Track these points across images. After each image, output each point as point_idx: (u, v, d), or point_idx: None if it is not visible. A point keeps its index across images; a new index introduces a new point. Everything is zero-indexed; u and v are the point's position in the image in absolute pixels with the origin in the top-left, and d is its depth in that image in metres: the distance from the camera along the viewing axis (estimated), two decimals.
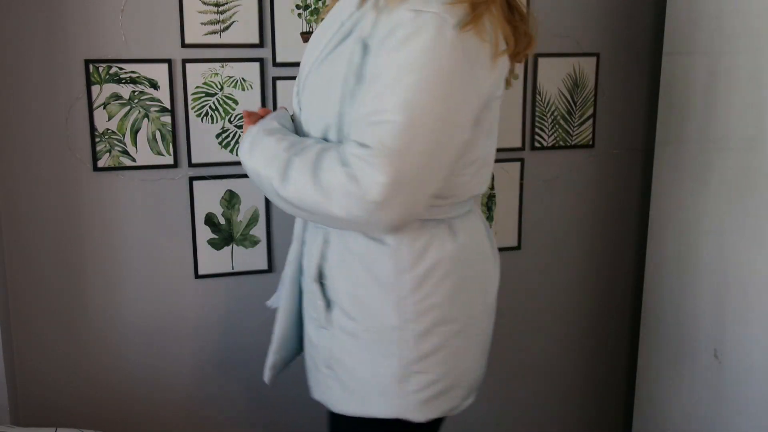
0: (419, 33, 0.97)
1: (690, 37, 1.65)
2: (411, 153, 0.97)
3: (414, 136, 0.97)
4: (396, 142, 0.96)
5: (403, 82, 0.97)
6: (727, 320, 1.58)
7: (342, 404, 1.19)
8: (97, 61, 1.55)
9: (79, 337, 1.67)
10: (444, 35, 0.97)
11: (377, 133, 0.97)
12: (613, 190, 1.97)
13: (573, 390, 2.08)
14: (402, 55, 0.97)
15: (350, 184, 0.97)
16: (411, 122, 0.96)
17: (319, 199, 1.01)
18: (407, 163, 0.97)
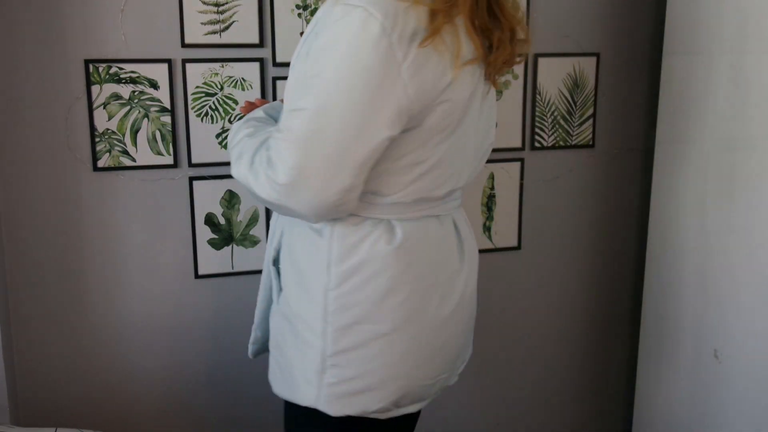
0: (344, 27, 0.99)
1: (690, 37, 1.65)
2: (318, 141, 1.00)
3: (322, 125, 1.00)
4: (304, 128, 1.00)
5: (321, 74, 1.00)
6: (727, 320, 1.58)
7: (278, 386, 1.25)
8: (97, 61, 1.55)
9: (79, 336, 1.67)
10: (368, 31, 0.97)
11: (291, 119, 1.02)
12: (613, 190, 1.97)
13: (573, 390, 2.08)
14: (324, 48, 1.00)
15: (268, 167, 1.04)
16: (320, 111, 1.00)
17: (250, 180, 1.08)
18: (313, 150, 1.00)
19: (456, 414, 1.99)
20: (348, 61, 0.98)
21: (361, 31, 0.97)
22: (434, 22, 1.00)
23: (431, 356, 1.18)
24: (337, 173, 1.02)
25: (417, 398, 1.20)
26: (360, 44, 0.97)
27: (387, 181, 1.09)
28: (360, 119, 1.00)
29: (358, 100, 0.99)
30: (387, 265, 1.11)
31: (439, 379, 1.22)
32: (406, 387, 1.16)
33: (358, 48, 0.98)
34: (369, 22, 0.97)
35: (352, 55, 0.98)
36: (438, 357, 1.19)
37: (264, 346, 1.39)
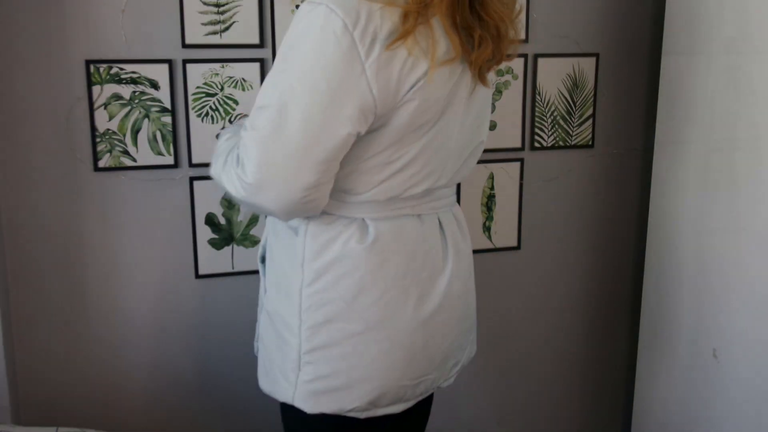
0: (307, 24, 0.99)
1: (690, 37, 1.65)
2: (280, 138, 1.00)
3: (283, 122, 1.00)
4: (267, 126, 1.01)
5: (285, 70, 1.01)
6: (726, 320, 1.58)
7: (262, 382, 1.27)
8: (97, 62, 1.55)
9: (80, 336, 1.67)
10: (331, 27, 0.97)
11: (257, 117, 1.03)
12: (613, 190, 1.97)
13: (573, 390, 2.08)
14: (289, 45, 1.02)
15: (237, 166, 1.06)
16: (282, 108, 1.00)
17: (223, 179, 1.10)
18: (276, 147, 1.01)
19: (456, 414, 2.00)
20: (311, 57, 0.99)
21: (323, 27, 0.98)
22: (406, 24, 1.00)
23: (410, 357, 1.16)
24: (299, 170, 1.02)
25: (397, 399, 1.18)
26: (322, 40, 0.98)
27: (358, 179, 1.09)
28: (322, 116, 1.00)
29: (319, 96, 0.99)
30: (358, 263, 1.11)
31: (424, 380, 1.20)
32: (382, 387, 1.15)
33: (320, 44, 0.98)
34: (331, 18, 0.97)
35: (314, 50, 0.99)
36: (419, 358, 1.17)
37: None
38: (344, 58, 0.98)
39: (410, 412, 1.28)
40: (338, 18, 0.97)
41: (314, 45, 0.99)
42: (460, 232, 1.24)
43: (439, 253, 1.18)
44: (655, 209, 1.81)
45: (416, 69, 1.02)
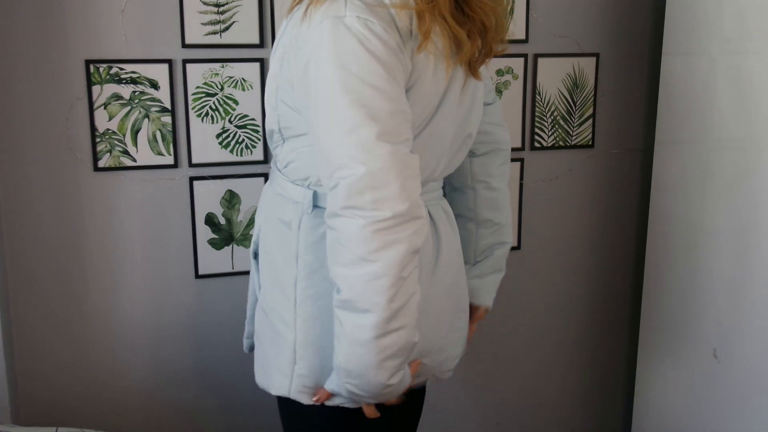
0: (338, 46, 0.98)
1: (690, 37, 1.65)
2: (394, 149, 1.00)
3: (387, 137, 1.00)
4: (378, 151, 0.99)
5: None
6: (727, 320, 1.58)
7: (259, 377, 1.26)
8: (97, 62, 1.55)
9: (80, 336, 1.67)
10: (371, 33, 0.98)
11: (354, 151, 1.00)
12: (613, 190, 1.97)
13: (573, 390, 2.08)
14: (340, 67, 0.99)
15: (364, 224, 0.99)
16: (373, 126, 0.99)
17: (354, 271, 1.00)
18: (397, 161, 1.00)
19: (456, 414, 2.00)
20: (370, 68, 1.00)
21: (362, 34, 0.98)
22: (423, 24, 1.01)
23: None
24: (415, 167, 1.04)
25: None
26: (368, 46, 0.99)
27: None
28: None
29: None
30: None
31: (418, 372, 1.21)
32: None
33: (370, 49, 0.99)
34: (368, 25, 0.99)
35: (367, 60, 0.99)
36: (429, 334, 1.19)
37: None
38: (394, 55, 0.99)
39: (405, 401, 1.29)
40: (376, 25, 0.98)
41: (365, 54, 0.98)
42: (449, 224, 1.25)
43: (429, 246, 1.19)
44: (655, 209, 1.81)
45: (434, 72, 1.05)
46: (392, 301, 0.98)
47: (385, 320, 0.99)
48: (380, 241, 0.96)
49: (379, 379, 1.03)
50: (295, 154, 1.15)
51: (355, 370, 1.04)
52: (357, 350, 1.02)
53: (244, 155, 1.67)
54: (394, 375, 1.04)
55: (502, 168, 1.38)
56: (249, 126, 1.66)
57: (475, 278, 1.39)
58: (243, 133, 1.66)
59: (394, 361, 1.02)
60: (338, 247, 1.00)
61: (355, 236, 0.97)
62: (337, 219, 0.99)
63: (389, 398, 1.10)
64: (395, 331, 1.00)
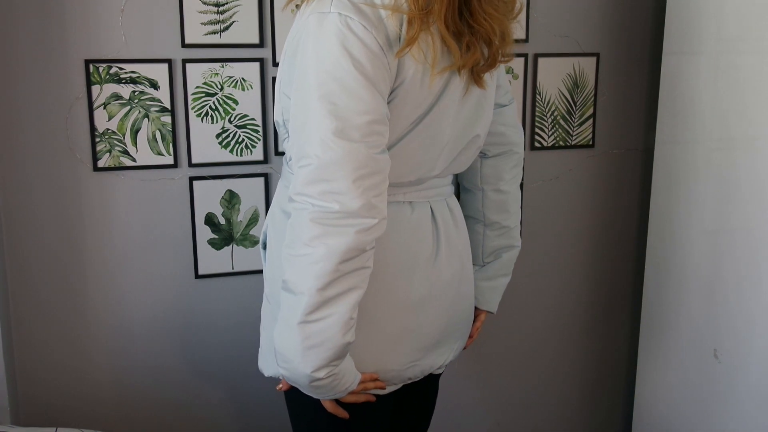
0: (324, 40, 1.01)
1: (690, 37, 1.65)
2: (348, 144, 1.03)
3: (342, 129, 1.03)
4: (330, 143, 1.02)
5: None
6: (727, 320, 1.58)
7: (264, 365, 1.28)
8: (97, 61, 1.55)
9: (79, 336, 1.67)
10: (353, 32, 1.00)
11: (307, 145, 1.04)
12: (613, 190, 1.97)
13: (573, 389, 2.08)
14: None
15: (311, 214, 1.03)
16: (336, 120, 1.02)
17: (298, 258, 1.03)
18: (348, 152, 1.04)
19: (456, 414, 1.99)
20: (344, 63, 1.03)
21: (343, 33, 1.01)
22: (411, 30, 1.02)
23: (398, 341, 1.18)
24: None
25: (389, 381, 1.20)
26: (349, 45, 1.01)
27: None
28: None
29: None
30: None
31: (413, 366, 1.22)
32: (363, 370, 1.16)
33: (348, 48, 1.02)
34: (350, 24, 1.01)
35: (343, 56, 1.02)
36: (408, 342, 1.19)
37: None
38: (372, 55, 1.01)
39: (407, 395, 1.31)
40: (356, 23, 0.99)
41: (342, 51, 1.00)
42: (453, 221, 1.25)
43: (429, 241, 1.20)
44: (655, 209, 1.81)
45: (421, 76, 1.06)
46: (324, 290, 1.00)
47: (312, 306, 1.01)
48: (322, 230, 0.99)
49: (304, 368, 1.04)
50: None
51: (282, 353, 1.06)
52: (285, 332, 1.04)
53: (244, 155, 1.67)
54: (320, 369, 1.04)
55: (513, 171, 1.38)
56: (249, 126, 1.66)
57: (482, 281, 1.39)
58: (243, 133, 1.66)
59: (318, 352, 1.03)
60: (290, 230, 1.04)
61: (302, 222, 1.01)
62: (291, 203, 1.03)
63: (324, 395, 1.10)
64: (321, 320, 1.02)
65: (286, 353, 1.05)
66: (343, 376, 1.09)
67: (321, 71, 1.00)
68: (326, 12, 1.00)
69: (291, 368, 1.06)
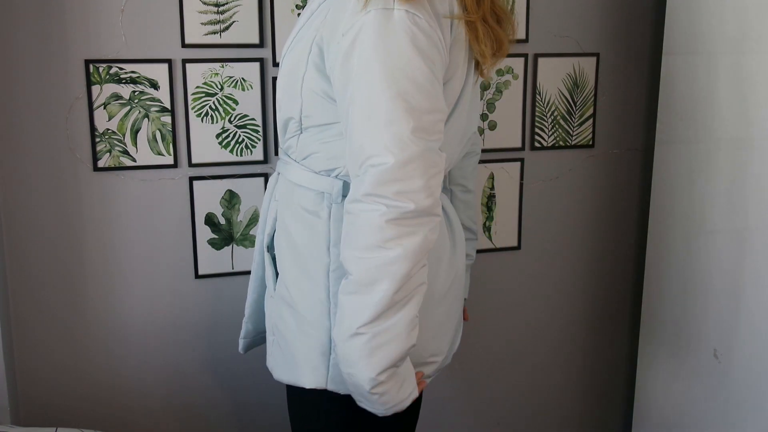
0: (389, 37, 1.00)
1: (690, 37, 1.65)
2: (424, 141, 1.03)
3: (419, 124, 1.03)
4: (410, 137, 1.01)
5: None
6: (727, 320, 1.58)
7: (279, 372, 1.23)
8: (97, 61, 1.55)
9: (79, 336, 1.67)
10: (414, 33, 1.00)
11: (384, 139, 1.02)
12: (613, 190, 1.97)
13: (573, 389, 2.08)
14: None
15: (386, 214, 1.01)
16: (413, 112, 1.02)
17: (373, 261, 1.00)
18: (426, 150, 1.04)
19: (456, 414, 1.99)
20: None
21: (411, 34, 1.01)
22: (475, 33, 1.07)
23: (435, 335, 1.19)
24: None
25: (427, 377, 1.21)
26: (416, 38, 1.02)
27: None
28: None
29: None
30: None
31: (438, 359, 1.23)
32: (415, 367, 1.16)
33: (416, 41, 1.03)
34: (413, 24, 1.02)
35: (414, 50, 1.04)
36: (440, 335, 1.21)
37: (255, 339, 1.40)
38: (437, 51, 1.02)
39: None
40: (423, 21, 1.00)
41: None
42: (455, 216, 1.28)
43: (446, 234, 1.21)
44: (655, 209, 1.81)
45: None
46: (396, 292, 0.99)
47: (385, 307, 0.99)
48: (398, 230, 0.98)
49: (369, 371, 1.02)
50: (319, 144, 1.14)
51: (347, 358, 1.03)
52: (350, 336, 1.02)
53: (244, 155, 1.67)
54: (384, 372, 1.02)
55: (474, 171, 1.42)
56: (249, 126, 1.66)
57: None
58: (243, 133, 1.66)
59: (384, 353, 1.01)
60: (355, 231, 1.01)
61: (374, 224, 0.98)
62: (359, 204, 1.00)
63: (385, 405, 1.06)
64: (391, 319, 1.00)
65: (350, 355, 1.02)
66: (404, 380, 1.07)
67: (393, 70, 0.97)
68: (390, 8, 0.98)
69: (354, 373, 1.03)
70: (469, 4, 1.04)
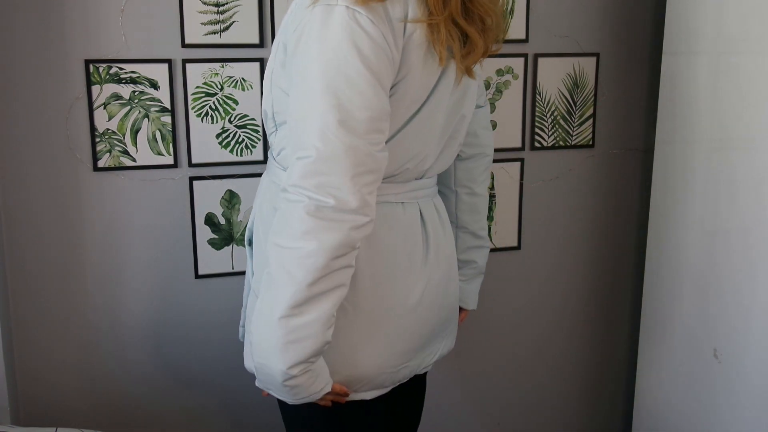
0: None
1: (690, 37, 1.65)
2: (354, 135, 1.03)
3: (348, 120, 1.03)
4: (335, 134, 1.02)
5: None
6: (727, 320, 1.58)
7: (247, 361, 1.25)
8: (97, 61, 1.55)
9: (79, 336, 1.67)
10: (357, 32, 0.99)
11: (310, 138, 1.03)
12: (613, 190, 1.97)
13: (573, 389, 2.08)
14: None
15: (306, 215, 1.01)
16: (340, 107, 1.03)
17: (289, 253, 1.01)
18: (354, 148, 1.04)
19: (456, 414, 1.99)
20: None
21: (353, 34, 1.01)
22: (438, 35, 1.04)
23: (393, 344, 1.17)
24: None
25: (374, 385, 1.19)
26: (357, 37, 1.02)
27: None
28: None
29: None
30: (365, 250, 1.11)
31: (403, 368, 1.21)
32: (360, 373, 1.15)
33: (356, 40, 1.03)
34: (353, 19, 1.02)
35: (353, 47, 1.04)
36: (401, 345, 1.19)
37: None
38: (379, 50, 1.01)
39: (398, 395, 1.30)
40: (364, 17, 0.99)
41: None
42: (439, 221, 1.25)
43: (419, 241, 1.19)
44: (655, 209, 1.81)
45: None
46: (313, 285, 0.99)
47: (299, 300, 0.99)
48: (315, 224, 0.98)
49: (281, 364, 1.01)
50: (287, 140, 1.14)
51: (260, 347, 1.03)
52: (265, 325, 1.02)
53: (244, 155, 1.67)
54: (297, 365, 1.02)
55: (485, 174, 1.41)
56: (249, 126, 1.66)
57: (461, 283, 1.40)
58: (243, 133, 1.66)
59: (297, 348, 1.01)
60: (280, 221, 1.02)
61: (295, 214, 0.99)
62: (285, 194, 1.01)
63: (296, 396, 1.06)
64: (305, 315, 1.00)
65: (264, 346, 1.03)
66: (317, 375, 1.06)
67: (327, 65, 0.98)
68: (333, 5, 0.99)
69: (266, 363, 1.03)
70: (434, 5, 1.03)
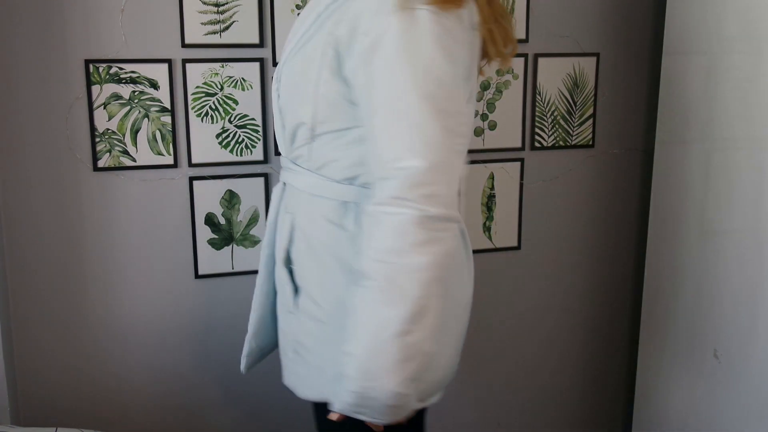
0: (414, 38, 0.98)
1: (690, 37, 1.65)
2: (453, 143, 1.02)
3: (449, 126, 1.02)
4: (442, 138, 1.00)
5: None
6: (727, 320, 1.58)
7: (305, 389, 1.19)
8: (97, 61, 1.55)
9: (79, 336, 1.67)
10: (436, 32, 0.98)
11: (416, 140, 1.00)
12: (613, 190, 1.97)
13: (573, 389, 2.08)
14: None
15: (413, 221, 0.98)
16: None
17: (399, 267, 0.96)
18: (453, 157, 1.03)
19: (456, 414, 1.99)
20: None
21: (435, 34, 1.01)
22: (486, 27, 1.07)
23: (457, 344, 1.18)
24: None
25: (442, 387, 1.19)
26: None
27: None
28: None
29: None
30: None
31: (456, 368, 1.22)
32: (438, 377, 1.14)
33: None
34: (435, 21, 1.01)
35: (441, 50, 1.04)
36: (459, 344, 1.19)
37: (258, 357, 1.35)
38: (464, 51, 1.02)
39: None
40: (448, 19, 0.99)
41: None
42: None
43: (460, 240, 1.19)
44: (655, 209, 1.81)
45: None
46: (424, 299, 0.95)
47: (413, 316, 0.95)
48: (426, 235, 0.94)
49: (391, 385, 0.96)
50: (337, 152, 1.09)
51: (369, 370, 0.96)
52: (377, 347, 0.96)
53: (244, 155, 1.67)
54: (409, 384, 0.97)
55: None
56: (249, 126, 1.66)
57: None
58: (243, 133, 1.66)
59: (413, 366, 0.96)
60: (379, 235, 0.96)
61: (400, 227, 0.94)
62: (384, 207, 0.96)
63: (396, 415, 1.00)
64: (420, 330, 0.95)
65: (373, 369, 0.96)
66: (419, 393, 1.04)
67: (418, 70, 0.95)
68: (414, 8, 0.95)
69: (374, 386, 0.96)
70: (483, 7, 1.03)
